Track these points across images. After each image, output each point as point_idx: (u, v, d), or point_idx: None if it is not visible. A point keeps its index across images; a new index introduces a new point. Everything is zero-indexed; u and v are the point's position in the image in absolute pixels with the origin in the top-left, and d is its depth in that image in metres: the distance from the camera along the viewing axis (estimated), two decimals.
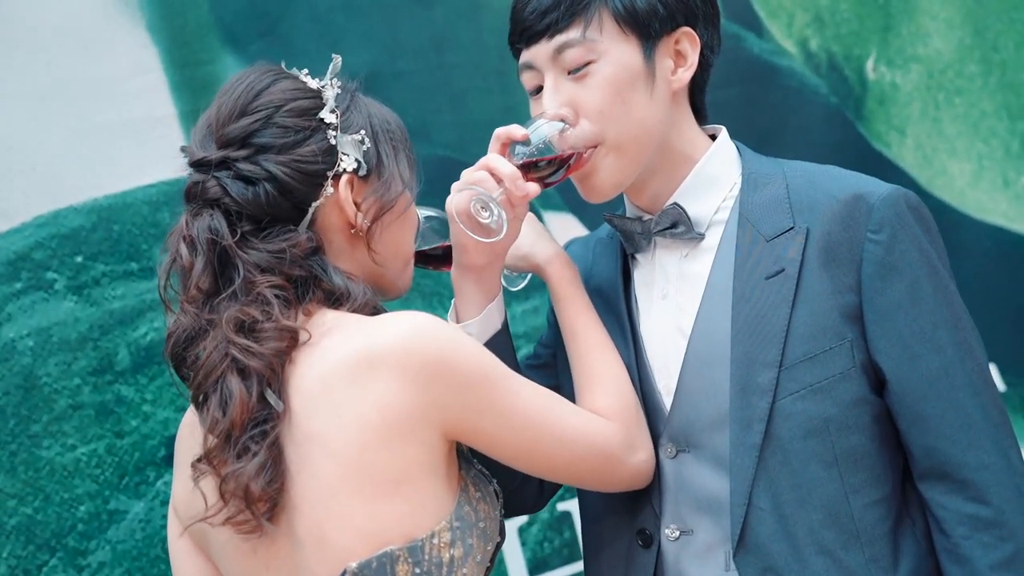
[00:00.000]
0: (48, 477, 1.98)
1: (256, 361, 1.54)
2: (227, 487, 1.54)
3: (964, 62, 2.68)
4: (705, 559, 1.67)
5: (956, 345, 1.62)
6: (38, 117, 2.02)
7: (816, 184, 1.68)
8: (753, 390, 1.63)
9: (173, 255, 1.60)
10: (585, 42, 1.65)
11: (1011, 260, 2.69)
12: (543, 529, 2.31)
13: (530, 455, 1.61)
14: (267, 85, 1.64)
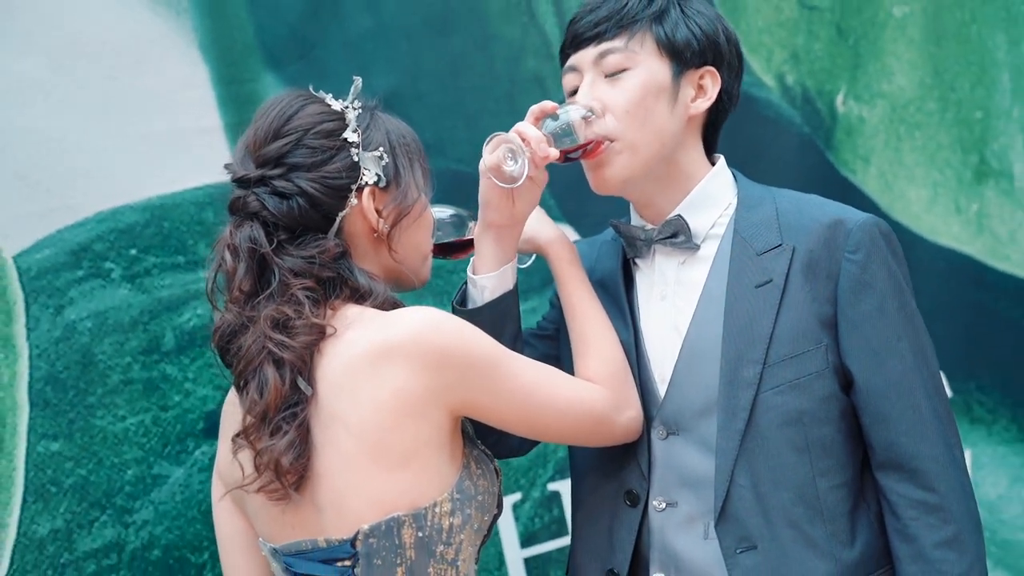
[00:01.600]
0: (101, 443, 2.11)
1: (289, 353, 1.71)
2: (261, 460, 1.72)
3: (924, 99, 2.79)
4: (688, 528, 1.84)
5: (915, 354, 1.80)
6: (100, 125, 2.14)
7: (802, 209, 1.87)
8: (739, 383, 1.80)
9: (219, 261, 1.77)
10: (626, 51, 1.85)
11: (960, 279, 2.80)
12: (535, 507, 2.46)
13: (530, 424, 1.78)
14: (297, 110, 1.80)
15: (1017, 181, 2.86)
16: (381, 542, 1.69)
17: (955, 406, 2.77)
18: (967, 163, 2.83)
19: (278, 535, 1.75)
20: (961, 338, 2.79)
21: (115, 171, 2.16)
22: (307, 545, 1.72)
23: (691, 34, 1.85)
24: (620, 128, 1.83)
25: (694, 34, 1.85)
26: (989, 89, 2.84)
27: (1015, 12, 2.86)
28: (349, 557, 1.70)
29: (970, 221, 2.83)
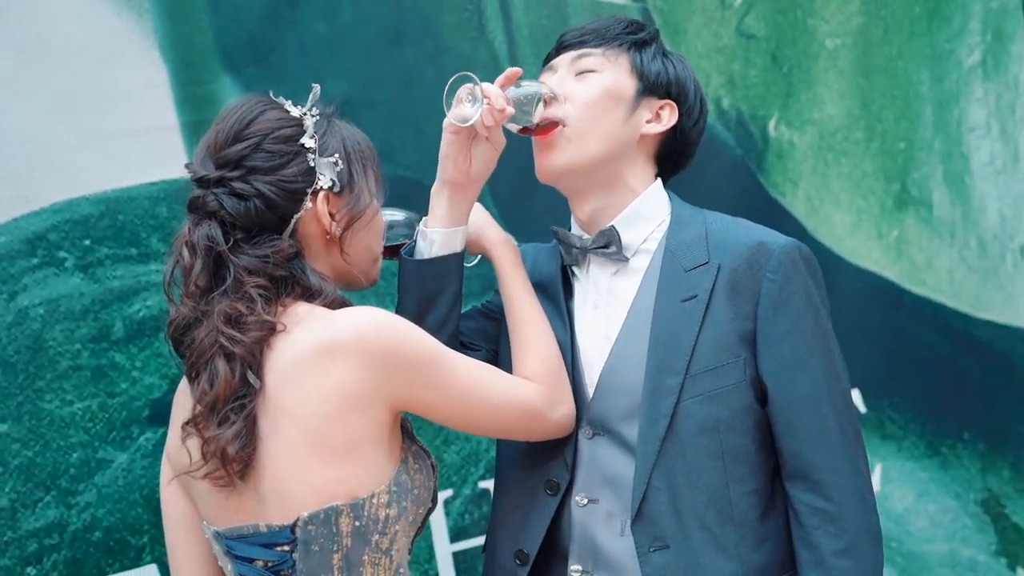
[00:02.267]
0: (48, 426, 2.15)
1: (240, 348, 1.77)
2: (208, 448, 1.78)
3: (851, 128, 2.91)
4: (606, 525, 1.92)
5: (825, 372, 1.90)
6: (61, 118, 2.18)
7: (729, 230, 1.96)
8: (662, 391, 1.89)
9: (177, 256, 1.82)
10: (601, 57, 1.97)
11: (878, 301, 2.91)
12: (465, 503, 2.53)
13: (467, 419, 1.86)
14: (257, 115, 1.86)
15: (936, 210, 2.98)
16: (319, 529, 1.76)
17: (869, 422, 2.88)
18: (889, 191, 2.96)
19: (221, 519, 1.82)
20: (878, 357, 2.91)
21: (73, 164, 2.20)
22: (249, 529, 1.79)
23: (663, 69, 2.00)
24: (575, 115, 1.94)
25: (666, 70, 2.00)
26: (913, 122, 2.97)
27: (939, 50, 2.98)
28: (288, 542, 1.77)
29: (890, 246, 2.96)
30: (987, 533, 2.97)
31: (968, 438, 2.98)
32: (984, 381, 3.01)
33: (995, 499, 2.99)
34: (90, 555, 2.17)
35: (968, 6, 3.03)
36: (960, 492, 2.96)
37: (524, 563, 1.95)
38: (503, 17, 2.59)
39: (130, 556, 2.20)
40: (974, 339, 3.01)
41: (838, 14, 2.91)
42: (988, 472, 2.99)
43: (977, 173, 3.03)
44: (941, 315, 2.99)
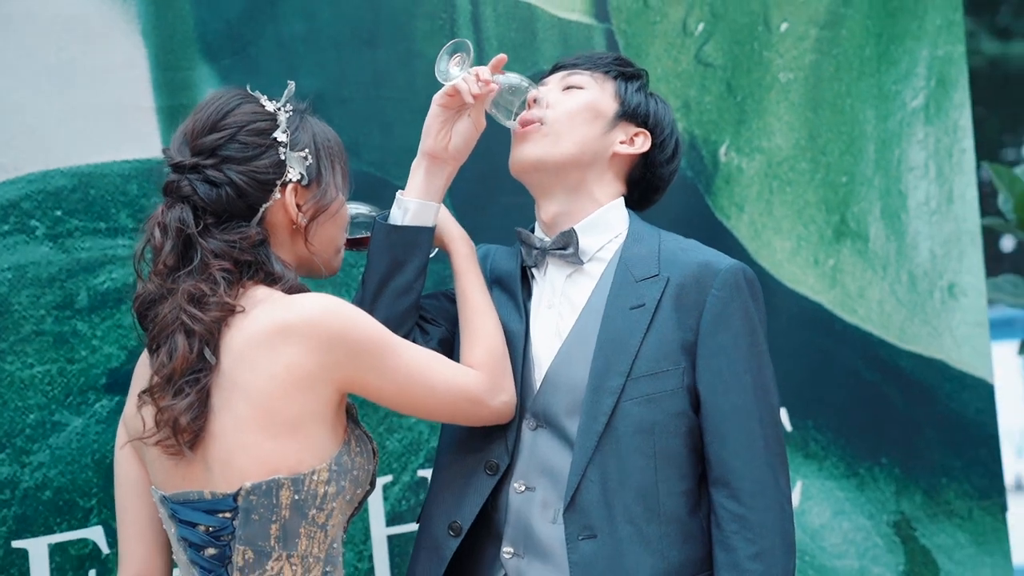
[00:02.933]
0: (7, 387, 2.21)
1: (199, 326, 1.86)
2: (162, 417, 1.87)
3: (797, 159, 3.00)
4: (540, 512, 2.02)
5: (756, 387, 2.01)
6: (43, 92, 2.25)
7: (681, 249, 2.08)
8: (604, 391, 1.99)
9: (148, 235, 1.91)
10: (589, 77, 2.13)
11: (811, 325, 3.00)
12: (403, 490, 2.61)
13: (411, 403, 1.95)
14: (234, 107, 1.94)
15: (871, 243, 3.10)
16: (260, 500, 1.85)
17: (793, 440, 2.99)
18: (829, 221, 3.05)
19: (169, 484, 1.91)
20: (805, 379, 3.00)
21: (51, 137, 2.27)
22: (194, 496, 1.88)
23: (644, 101, 2.15)
24: (554, 117, 2.09)
25: (647, 104, 2.16)
26: (856, 157, 3.07)
27: (886, 91, 3.10)
28: (230, 510, 1.86)
29: (826, 274, 3.05)
30: (896, 553, 3.09)
31: (885, 462, 3.09)
32: (904, 409, 3.11)
33: (906, 522, 3.11)
34: (39, 513, 2.24)
35: (916, 52, 3.14)
36: (874, 513, 3.07)
37: (457, 535, 2.05)
38: (474, 28, 2.68)
39: (78, 517, 2.27)
40: (898, 369, 3.10)
41: (792, 49, 3.01)
42: (902, 496, 3.10)
43: (913, 211, 3.13)
44: (869, 343, 3.07)
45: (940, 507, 3.15)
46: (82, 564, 2.27)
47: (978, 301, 3.19)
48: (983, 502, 3.21)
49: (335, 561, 1.94)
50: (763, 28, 2.98)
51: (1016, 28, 13.08)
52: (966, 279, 3.19)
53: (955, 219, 3.18)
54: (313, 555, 1.90)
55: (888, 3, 3.12)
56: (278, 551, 1.87)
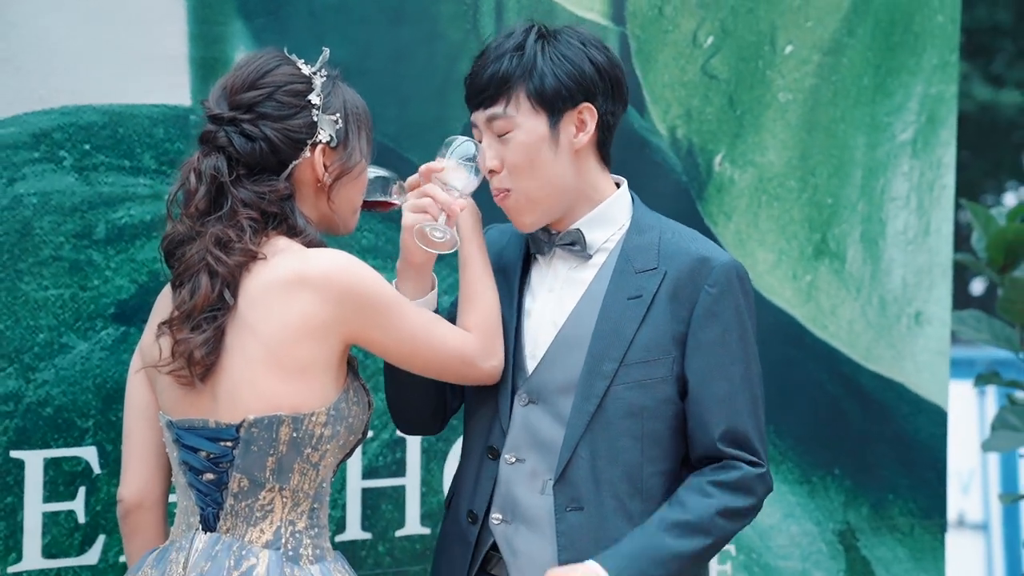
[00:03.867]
0: (22, 305, 2.31)
1: (223, 268, 1.97)
2: (178, 348, 1.99)
3: (787, 176, 3.11)
4: (529, 482, 2.14)
5: (742, 379, 2.12)
6: (82, 32, 2.34)
7: (680, 241, 2.17)
8: (598, 375, 2.11)
9: (183, 180, 2.03)
10: (505, 116, 2.12)
11: (783, 336, 3.11)
12: (381, 447, 2.71)
13: (409, 359, 2.07)
14: (273, 68, 2.06)
15: (848, 265, 3.23)
16: (261, 433, 1.97)
17: None
18: (810, 240, 3.16)
19: (176, 411, 2.02)
20: (772, 386, 3.02)
21: (87, 75, 2.37)
22: (199, 423, 2.00)
23: (559, 82, 2.11)
24: (513, 181, 2.14)
25: (561, 81, 2.11)
26: (843, 181, 3.19)
27: (878, 121, 3.23)
28: (231, 440, 1.98)
29: (802, 290, 3.16)
30: (838, 560, 3.22)
31: (838, 473, 3.22)
32: (861, 425, 3.22)
33: (851, 532, 3.25)
34: (39, 427, 2.34)
35: (910, 87, 3.27)
36: (821, 520, 3.20)
37: (475, 522, 2.18)
38: (496, 16, 2.80)
39: (74, 435, 2.38)
40: (860, 386, 3.22)
41: (794, 71, 3.14)
42: (849, 507, 3.24)
43: (890, 239, 3.26)
44: (835, 359, 3.19)
45: (884, 521, 3.28)
46: (73, 480, 2.38)
47: (942, 331, 3.33)
48: (925, 521, 3.35)
49: (322, 499, 2.06)
50: (769, 48, 3.10)
51: (1009, 77, 13.28)
52: (933, 309, 3.31)
53: (929, 251, 3.30)
54: (303, 491, 2.02)
55: (889, 38, 3.24)
56: (271, 483, 2.00)
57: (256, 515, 2.01)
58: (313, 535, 2.05)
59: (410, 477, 2.72)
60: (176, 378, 2.00)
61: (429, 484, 2.75)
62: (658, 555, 2.05)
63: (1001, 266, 3.39)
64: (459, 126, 2.72)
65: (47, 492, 2.34)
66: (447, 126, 2.70)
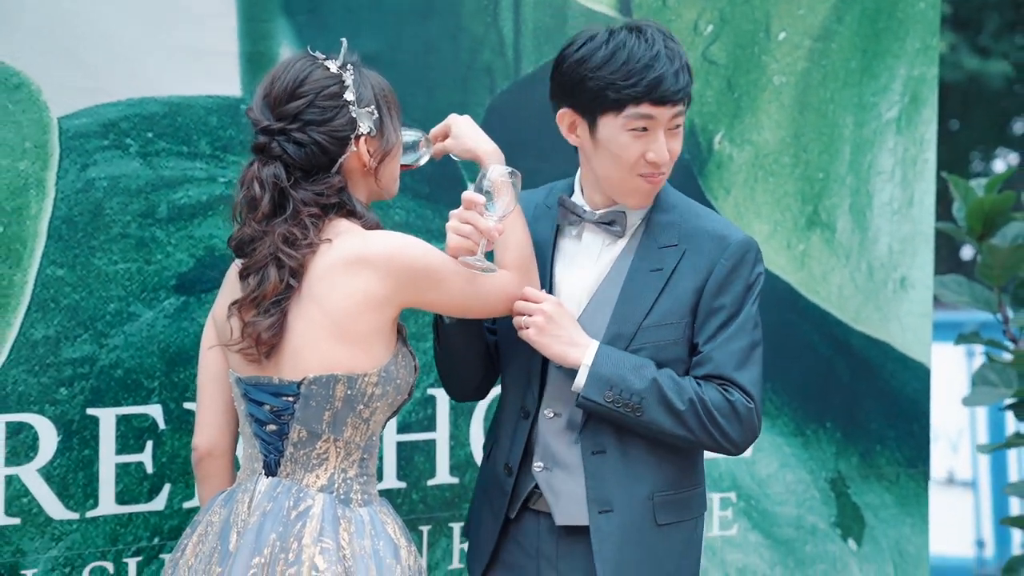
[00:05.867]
0: (95, 278, 2.53)
1: (293, 262, 2.17)
2: (247, 331, 2.21)
3: (781, 153, 3.29)
4: (564, 433, 2.38)
5: (747, 345, 2.35)
6: (145, 28, 2.56)
7: (700, 220, 2.40)
8: (620, 335, 2.34)
9: (247, 189, 2.20)
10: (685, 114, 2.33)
11: (778, 301, 3.28)
12: (414, 404, 2.91)
13: (461, 309, 2.29)
14: (307, 75, 2.24)
15: (838, 234, 3.44)
16: (319, 390, 2.21)
17: None
18: (803, 211, 3.36)
19: (245, 370, 2.26)
20: (768, 347, 3.18)
21: (148, 69, 2.59)
22: (264, 380, 2.23)
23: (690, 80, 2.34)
24: (670, 168, 2.36)
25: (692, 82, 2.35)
26: (833, 157, 3.39)
27: (865, 101, 3.44)
28: (293, 395, 2.22)
29: (796, 258, 3.36)
30: (830, 506, 3.46)
31: (829, 426, 3.41)
32: (850, 382, 3.43)
33: (842, 480, 3.48)
34: (111, 387, 2.58)
35: (895, 69, 3.49)
36: (814, 469, 3.43)
37: (510, 474, 2.42)
38: (514, 11, 3.01)
39: (141, 395, 2.61)
40: (849, 346, 3.41)
41: (787, 56, 3.34)
42: (840, 457, 3.46)
43: (877, 210, 3.45)
44: (826, 322, 3.38)
45: (872, 470, 3.51)
46: (141, 435, 2.61)
47: (925, 294, 3.54)
48: (910, 470, 3.58)
49: (372, 451, 2.30)
50: (764, 35, 3.30)
51: (996, 48, 13.46)
52: (916, 274, 3.52)
53: (913, 221, 3.51)
54: (355, 442, 2.26)
55: (875, 24, 3.45)
56: (327, 434, 2.24)
57: (313, 462, 2.25)
58: (363, 482, 2.29)
59: (440, 432, 2.95)
60: (244, 356, 2.23)
61: (457, 438, 2.97)
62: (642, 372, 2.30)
63: (980, 234, 3.60)
64: (481, 112, 2.95)
65: (119, 445, 2.58)
66: (469, 111, 2.90)
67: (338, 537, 2.19)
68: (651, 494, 2.35)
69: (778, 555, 3.37)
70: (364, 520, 2.23)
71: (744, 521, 3.32)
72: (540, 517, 2.42)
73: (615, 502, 2.35)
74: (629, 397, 2.29)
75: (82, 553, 2.55)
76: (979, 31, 14.05)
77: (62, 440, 2.52)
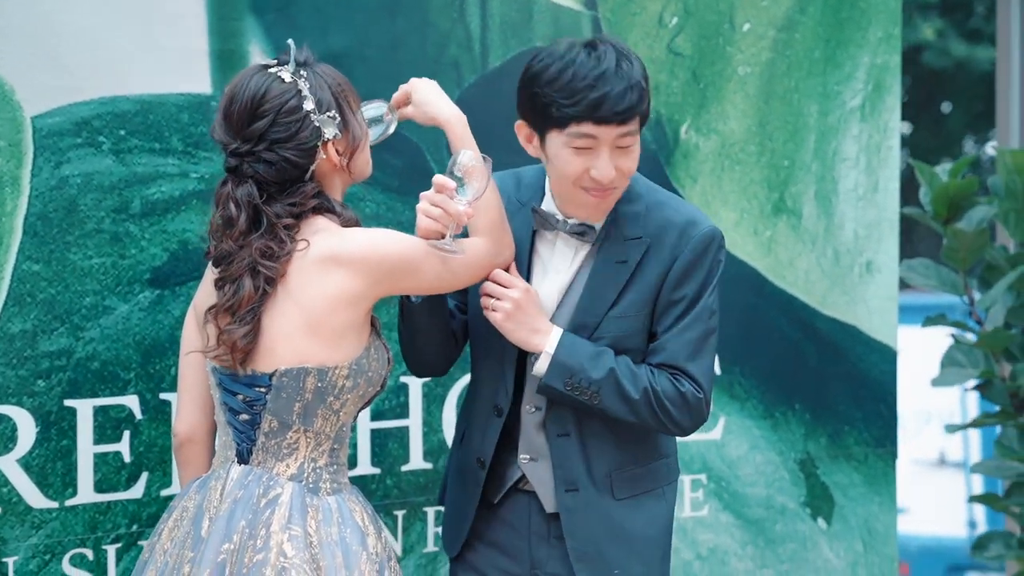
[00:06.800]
0: (70, 273, 2.58)
1: (271, 272, 2.21)
2: (222, 338, 2.24)
3: (747, 142, 3.34)
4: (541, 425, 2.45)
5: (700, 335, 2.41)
6: (117, 29, 2.61)
7: (664, 210, 2.43)
8: (584, 327, 2.40)
9: (223, 208, 2.24)
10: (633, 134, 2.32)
11: (746, 286, 3.35)
12: (387, 393, 2.92)
13: (438, 287, 2.33)
14: (264, 92, 2.24)
15: (804, 221, 3.49)
16: (290, 382, 2.27)
17: (721, 382, 3.33)
18: (769, 199, 3.41)
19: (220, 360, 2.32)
20: (737, 332, 3.36)
21: (120, 68, 2.64)
22: (239, 371, 2.30)
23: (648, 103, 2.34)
24: (619, 182, 2.36)
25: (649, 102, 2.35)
26: (798, 145, 3.43)
27: (829, 90, 3.49)
28: (265, 386, 2.27)
29: (762, 244, 3.41)
30: (799, 487, 3.51)
31: (798, 408, 3.47)
32: (818, 365, 3.48)
33: (811, 460, 3.53)
34: (87, 379, 2.64)
35: (858, 58, 3.54)
36: (784, 450, 3.48)
37: (482, 467, 2.48)
38: (481, 6, 3.06)
39: (118, 386, 2.67)
40: (816, 330, 3.47)
41: (752, 47, 3.39)
42: (809, 438, 3.51)
43: (842, 196, 3.50)
44: (793, 306, 3.43)
45: (840, 450, 3.57)
46: (119, 425, 2.67)
47: (891, 278, 3.59)
48: (878, 450, 3.65)
49: (342, 441, 2.36)
50: (728, 26, 3.35)
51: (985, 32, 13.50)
52: (882, 259, 3.57)
53: (878, 206, 3.56)
54: (325, 433, 2.32)
55: (838, 13, 3.50)
56: (297, 425, 2.30)
57: (283, 452, 2.31)
58: (332, 471, 2.34)
59: (413, 419, 3.00)
60: (220, 361, 2.29)
61: (430, 425, 3.03)
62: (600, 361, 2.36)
63: (945, 218, 3.67)
64: None
65: (96, 435, 2.64)
66: None
67: (306, 525, 2.25)
68: (610, 471, 2.44)
69: (749, 535, 3.43)
70: (332, 508, 2.29)
71: (715, 502, 3.39)
72: (531, 497, 2.49)
73: (579, 481, 2.43)
74: (588, 385, 2.35)
75: (62, 540, 2.61)
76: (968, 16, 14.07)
77: (40, 431, 2.58)
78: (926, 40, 13.32)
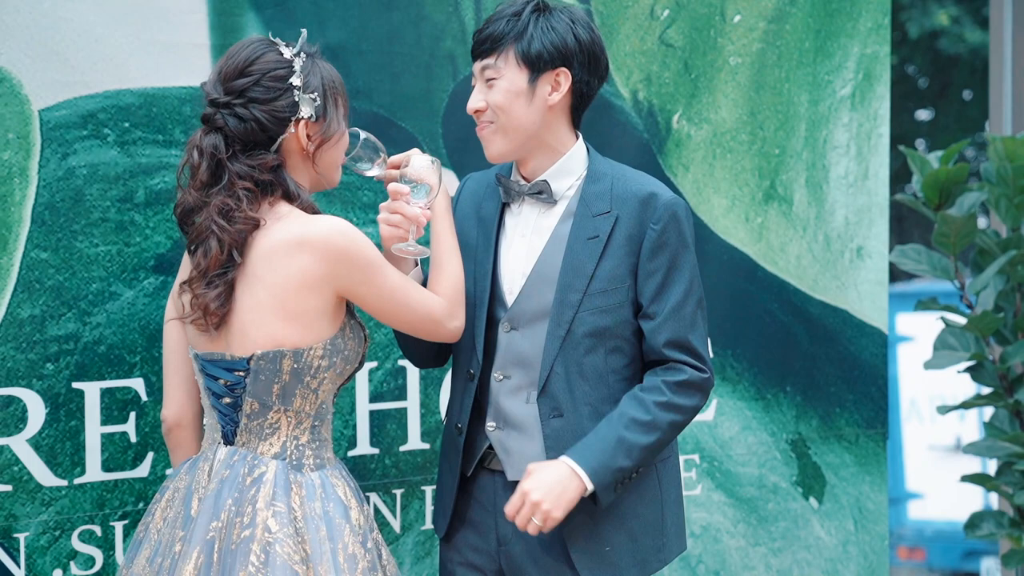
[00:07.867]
0: (77, 260, 2.66)
1: (227, 235, 2.28)
2: (196, 302, 2.32)
3: (738, 131, 3.39)
4: (515, 395, 2.52)
5: (684, 295, 2.47)
6: (120, 25, 2.68)
7: (628, 184, 2.51)
8: (566, 304, 2.47)
9: (188, 156, 2.33)
10: (495, 67, 2.47)
11: (738, 271, 3.40)
12: (385, 375, 3.04)
13: (387, 314, 2.38)
14: (259, 56, 2.34)
15: (795, 207, 3.55)
16: (267, 365, 2.34)
17: (714, 365, 3.37)
18: (760, 186, 3.47)
19: (201, 346, 2.39)
20: (729, 316, 3.43)
21: (124, 63, 2.71)
22: (218, 356, 2.36)
23: (543, 46, 2.44)
24: (492, 116, 2.49)
25: (545, 46, 2.44)
26: (788, 133, 3.49)
27: (819, 80, 3.55)
28: (244, 370, 2.35)
29: (754, 230, 3.47)
30: (791, 466, 3.58)
31: (789, 390, 3.53)
32: (810, 348, 3.54)
33: (802, 441, 3.59)
34: (94, 362, 2.72)
35: (848, 48, 3.59)
36: (775, 431, 3.54)
37: (460, 433, 2.56)
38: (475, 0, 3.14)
39: (124, 369, 2.75)
40: (808, 314, 3.52)
41: (743, 38, 3.45)
42: (800, 419, 3.57)
43: (833, 183, 3.55)
44: (785, 291, 3.49)
45: (832, 431, 3.63)
46: (125, 407, 2.76)
47: (880, 263, 3.65)
48: (869, 431, 3.71)
49: (323, 418, 2.43)
50: (719, 18, 3.41)
51: None
52: (872, 244, 3.63)
53: (868, 193, 3.62)
54: (305, 411, 2.39)
55: (828, 4, 3.55)
56: (277, 405, 2.37)
57: (266, 432, 2.38)
58: (315, 448, 2.41)
59: (411, 400, 3.07)
60: (197, 326, 2.37)
61: (427, 406, 3.10)
62: (621, 447, 2.43)
63: (936, 204, 3.72)
64: (444, 97, 3.08)
65: (103, 416, 2.73)
66: (433, 97, 3.05)
67: (290, 501, 2.33)
68: None
69: (741, 513, 3.50)
70: (315, 484, 2.36)
71: (708, 481, 3.45)
72: (495, 475, 2.56)
73: None
74: (631, 473, 2.47)
75: (71, 517, 2.70)
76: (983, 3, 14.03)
77: (50, 412, 2.67)
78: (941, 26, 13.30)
